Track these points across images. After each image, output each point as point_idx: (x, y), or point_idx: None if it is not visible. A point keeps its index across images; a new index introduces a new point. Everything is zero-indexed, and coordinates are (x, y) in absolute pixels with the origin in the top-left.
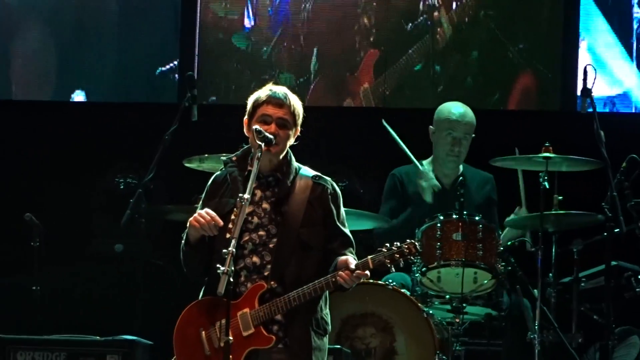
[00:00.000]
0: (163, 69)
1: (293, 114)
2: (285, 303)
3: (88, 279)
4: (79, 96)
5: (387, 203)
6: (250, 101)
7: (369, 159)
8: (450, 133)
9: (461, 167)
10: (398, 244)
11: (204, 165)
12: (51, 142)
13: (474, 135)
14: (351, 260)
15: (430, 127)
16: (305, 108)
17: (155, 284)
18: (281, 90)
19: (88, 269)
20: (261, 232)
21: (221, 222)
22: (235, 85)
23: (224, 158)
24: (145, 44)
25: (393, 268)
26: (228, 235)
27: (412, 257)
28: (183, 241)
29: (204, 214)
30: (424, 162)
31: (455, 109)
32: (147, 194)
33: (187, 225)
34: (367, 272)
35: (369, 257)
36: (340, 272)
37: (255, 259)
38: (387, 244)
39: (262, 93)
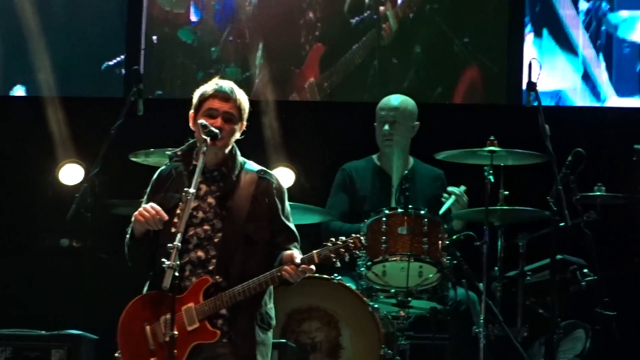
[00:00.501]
0: (109, 63)
1: (239, 108)
2: (230, 297)
3: (34, 274)
4: (19, 90)
5: (335, 196)
6: (196, 95)
7: (314, 153)
8: (380, 119)
9: (411, 161)
10: (343, 238)
11: (149, 160)
12: None
13: (416, 123)
14: (296, 254)
15: (375, 124)
16: (250, 102)
17: (101, 278)
18: (227, 84)
19: (34, 264)
20: (206, 227)
21: (166, 217)
22: (181, 79)
23: (169, 152)
24: (92, 39)
25: (338, 262)
26: (173, 230)
27: (357, 252)
28: (128, 235)
29: (149, 208)
30: (373, 156)
31: (387, 98)
32: (93, 189)
33: (132, 219)
34: (313, 266)
35: (314, 251)
36: (286, 267)
37: (200, 253)
38: (333, 239)
39: (209, 87)
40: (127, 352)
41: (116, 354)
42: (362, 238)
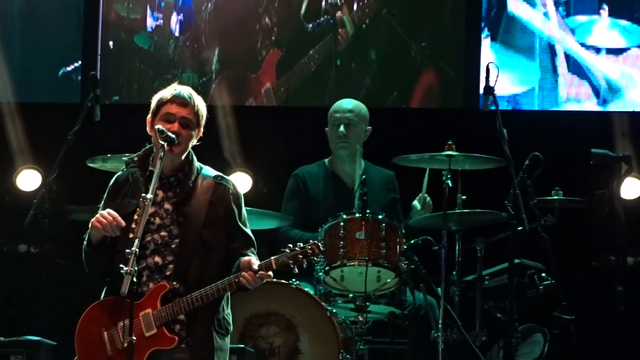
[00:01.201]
0: (66, 69)
1: (197, 114)
2: (187, 303)
3: None
4: None
5: (289, 203)
6: (154, 100)
7: (271, 157)
8: (334, 122)
9: (363, 164)
10: (301, 244)
11: (107, 165)
12: None
13: (369, 128)
14: (254, 260)
15: (326, 129)
16: (207, 107)
17: (59, 284)
18: (186, 90)
19: None
20: (163, 233)
21: (123, 223)
22: (138, 84)
23: (125, 158)
24: (49, 44)
25: (296, 269)
26: (131, 235)
27: (315, 258)
28: (85, 242)
29: (106, 214)
30: (325, 160)
31: (340, 102)
32: (50, 194)
33: (89, 226)
34: (270, 272)
35: (272, 257)
36: (244, 273)
37: (157, 259)
38: (290, 245)
39: (167, 92)
40: (85, 358)
41: None
42: (320, 244)
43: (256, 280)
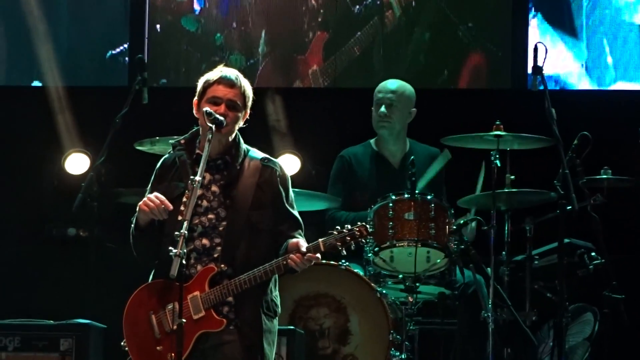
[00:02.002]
0: (113, 52)
1: (243, 96)
2: (236, 286)
3: (41, 263)
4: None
5: (335, 186)
6: (200, 82)
7: (319, 139)
8: (377, 102)
9: (408, 143)
10: (349, 226)
11: (155, 148)
12: (0, 126)
13: (413, 110)
14: (302, 242)
15: (372, 108)
16: (254, 89)
17: (108, 267)
18: (232, 72)
19: (41, 253)
20: (210, 216)
21: (170, 206)
22: (185, 67)
23: (172, 141)
24: (95, 28)
25: (344, 251)
26: (179, 218)
27: (363, 240)
28: (133, 226)
29: (153, 198)
30: (371, 141)
31: (385, 82)
32: (99, 178)
33: (137, 209)
34: (318, 254)
35: (320, 240)
36: (292, 255)
37: (205, 241)
38: (338, 227)
39: (213, 74)
40: (133, 341)
41: (122, 343)
42: (368, 226)
43: (304, 262)
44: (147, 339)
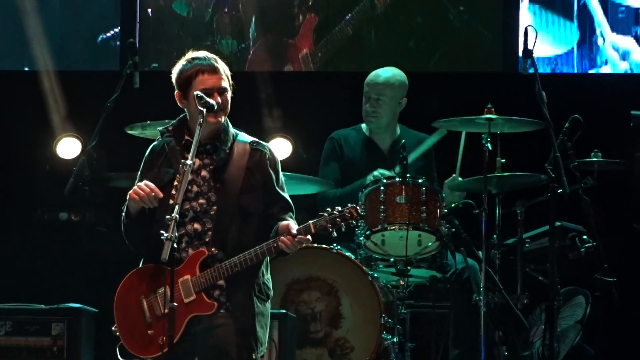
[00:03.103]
0: (105, 36)
1: (227, 76)
2: (227, 269)
3: (33, 248)
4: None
5: (326, 167)
6: (176, 73)
7: (311, 123)
8: (366, 94)
9: (398, 129)
10: (339, 208)
11: (146, 132)
12: None
13: (404, 99)
14: (292, 225)
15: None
16: (245, 74)
17: (99, 251)
18: (205, 54)
19: (33, 238)
20: (201, 200)
21: (161, 194)
22: (177, 51)
23: (160, 128)
24: (87, 12)
25: (335, 232)
26: (171, 202)
27: (354, 221)
28: (123, 214)
29: (143, 186)
30: (362, 125)
31: (375, 73)
32: (90, 162)
33: (127, 198)
34: (309, 236)
35: (311, 221)
36: (282, 237)
37: (196, 225)
38: (329, 209)
39: (188, 64)
40: (124, 326)
41: (113, 328)
42: (358, 208)
43: (295, 244)
44: (138, 323)
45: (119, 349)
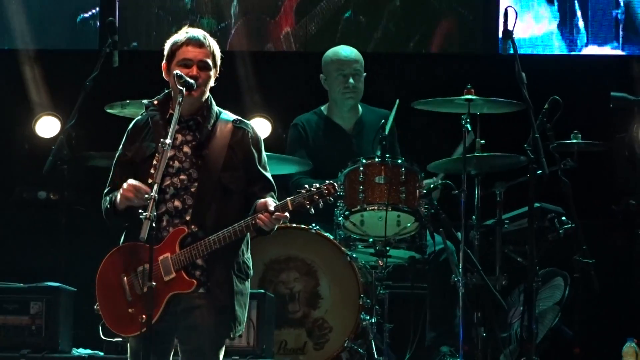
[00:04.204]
0: (84, 15)
1: (213, 55)
2: (205, 246)
3: (12, 226)
4: None
5: (296, 153)
6: (168, 45)
7: (290, 103)
8: (341, 72)
9: (360, 108)
10: (317, 185)
11: (125, 111)
12: None
13: (365, 74)
14: (270, 202)
15: (321, 75)
16: (226, 53)
17: (78, 230)
18: (199, 32)
19: (11, 216)
20: (182, 176)
21: (147, 189)
22: (156, 31)
23: (145, 102)
24: None
25: (312, 209)
26: (150, 181)
27: (331, 198)
28: (108, 204)
29: (131, 188)
30: (322, 107)
31: (342, 52)
32: (69, 141)
33: (117, 199)
34: (287, 214)
35: (288, 198)
36: (260, 215)
37: (177, 203)
38: (307, 186)
39: (180, 36)
40: (105, 305)
41: (95, 307)
42: (335, 185)
43: (272, 221)
44: (119, 301)
45: (101, 328)
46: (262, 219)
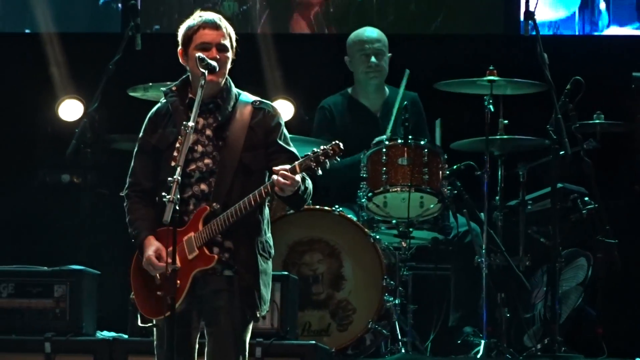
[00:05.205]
0: None
1: (229, 36)
2: (224, 220)
3: (35, 210)
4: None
5: (321, 136)
6: (182, 30)
7: (313, 85)
8: (363, 51)
9: (387, 90)
10: (323, 146)
11: (148, 94)
12: None
13: (390, 54)
14: (283, 166)
15: (345, 57)
16: (248, 35)
17: (101, 213)
18: (212, 14)
19: (35, 200)
20: (207, 160)
21: (162, 264)
22: (178, 13)
23: (163, 89)
24: None
25: (320, 170)
26: (173, 164)
27: (337, 158)
28: (130, 231)
29: (152, 266)
30: (348, 89)
31: (365, 32)
32: (92, 124)
33: (138, 233)
34: (298, 177)
35: (296, 162)
36: (273, 177)
37: (203, 186)
38: (314, 149)
39: (194, 20)
40: (139, 291)
41: (131, 296)
42: (340, 144)
43: (284, 183)
44: (149, 286)
45: (139, 315)
46: (276, 182)
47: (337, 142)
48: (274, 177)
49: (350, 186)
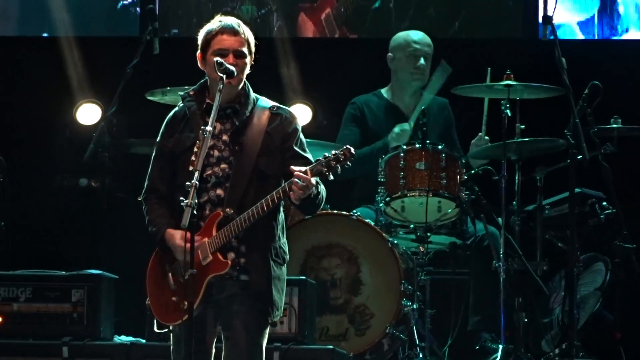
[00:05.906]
0: (124, 2)
1: (248, 42)
2: (238, 225)
3: (53, 214)
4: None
5: (345, 129)
6: (201, 34)
7: (331, 89)
8: (413, 53)
9: (422, 95)
10: (334, 151)
11: (166, 98)
12: (12, 77)
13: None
14: (297, 169)
15: (389, 54)
16: (266, 39)
17: (119, 217)
18: (232, 20)
19: (52, 204)
20: (223, 165)
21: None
22: (197, 17)
23: (181, 93)
24: None
25: (331, 175)
26: (191, 168)
27: (348, 162)
28: (150, 230)
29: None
30: (382, 90)
31: (413, 33)
32: (110, 128)
33: (158, 229)
34: (313, 179)
35: (307, 167)
36: (287, 184)
37: (219, 191)
38: (326, 154)
39: (213, 25)
40: (154, 297)
41: (147, 302)
42: (351, 149)
43: (299, 186)
44: (164, 291)
45: (156, 322)
46: (290, 186)
47: (348, 146)
48: (288, 181)
49: (369, 187)
